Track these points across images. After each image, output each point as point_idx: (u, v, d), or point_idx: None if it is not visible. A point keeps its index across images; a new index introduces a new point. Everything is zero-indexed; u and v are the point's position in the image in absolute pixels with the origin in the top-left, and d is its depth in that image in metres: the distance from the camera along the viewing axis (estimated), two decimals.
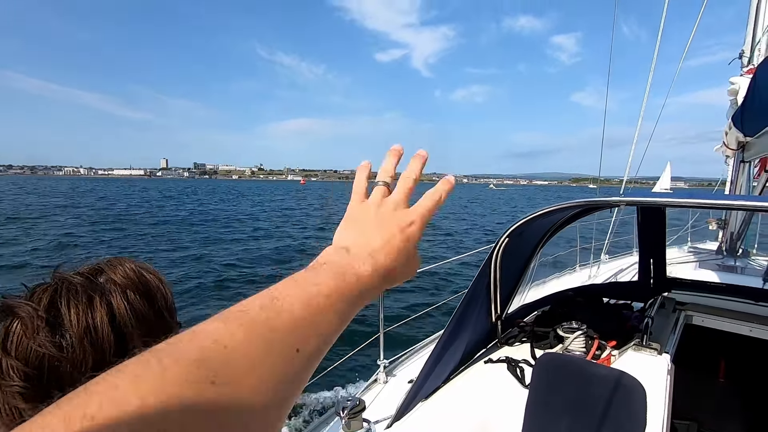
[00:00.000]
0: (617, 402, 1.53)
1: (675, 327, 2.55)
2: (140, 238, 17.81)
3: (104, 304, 0.54)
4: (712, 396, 3.09)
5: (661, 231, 2.92)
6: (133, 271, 0.60)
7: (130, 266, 0.60)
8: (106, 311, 0.53)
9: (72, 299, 0.53)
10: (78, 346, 0.50)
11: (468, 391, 2.11)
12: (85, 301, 0.53)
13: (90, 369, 0.50)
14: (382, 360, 2.79)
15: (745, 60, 4.71)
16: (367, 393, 2.60)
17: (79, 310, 0.52)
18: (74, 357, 0.50)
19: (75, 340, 0.51)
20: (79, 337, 0.51)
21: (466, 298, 2.12)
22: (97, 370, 0.51)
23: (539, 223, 2.26)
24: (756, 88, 2.95)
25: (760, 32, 4.48)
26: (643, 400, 1.52)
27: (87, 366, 0.50)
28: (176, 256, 13.84)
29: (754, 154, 3.94)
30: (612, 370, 1.67)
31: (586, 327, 2.31)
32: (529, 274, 2.79)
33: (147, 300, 0.59)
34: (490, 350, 2.51)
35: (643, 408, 1.51)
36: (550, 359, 1.76)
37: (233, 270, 12.08)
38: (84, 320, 0.52)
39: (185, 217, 28.10)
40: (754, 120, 3.19)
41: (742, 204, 1.95)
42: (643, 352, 2.19)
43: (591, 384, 1.61)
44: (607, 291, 3.16)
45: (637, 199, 2.06)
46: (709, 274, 4.21)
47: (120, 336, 0.54)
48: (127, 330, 0.54)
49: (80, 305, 0.53)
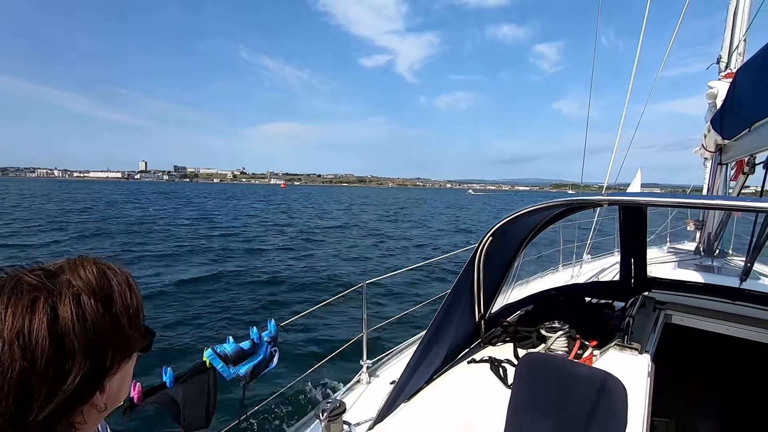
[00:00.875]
0: (599, 401, 1.52)
1: (655, 326, 2.57)
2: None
3: (47, 308, 0.49)
4: (690, 394, 3.14)
5: (642, 231, 2.95)
6: (94, 273, 0.55)
7: (93, 268, 0.55)
8: (49, 316, 0.48)
9: (13, 298, 0.48)
10: (6, 351, 0.45)
11: (451, 392, 2.08)
12: (27, 303, 0.48)
13: (15, 376, 0.45)
14: (365, 361, 2.75)
15: (723, 65, 4.83)
16: (349, 394, 2.56)
17: (17, 312, 0.47)
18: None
19: (4, 343, 0.45)
20: (9, 340, 0.46)
21: (449, 298, 2.10)
22: (23, 379, 0.46)
23: (523, 223, 2.25)
24: (735, 91, 3.00)
25: (737, 38, 4.59)
26: (624, 399, 1.51)
27: (13, 372, 0.45)
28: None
29: (731, 156, 4.02)
30: (593, 369, 1.66)
31: (569, 327, 2.31)
32: (513, 273, 2.79)
33: (104, 306, 0.54)
34: (473, 350, 2.50)
35: (624, 407, 1.51)
36: (532, 359, 1.74)
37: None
38: (19, 323, 0.47)
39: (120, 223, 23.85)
40: (732, 123, 3.25)
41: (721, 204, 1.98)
42: (625, 352, 2.20)
43: (573, 384, 1.60)
44: (589, 290, 3.19)
45: (619, 198, 2.07)
46: (688, 274, 4.30)
47: (59, 345, 0.48)
48: (68, 338, 0.49)
49: (20, 306, 0.48)
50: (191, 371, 1.72)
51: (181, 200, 54.16)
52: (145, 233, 19.51)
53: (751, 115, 2.68)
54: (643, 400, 1.85)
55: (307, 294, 9.87)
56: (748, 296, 2.86)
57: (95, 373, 0.52)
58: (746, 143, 3.23)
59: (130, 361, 0.60)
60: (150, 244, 16.17)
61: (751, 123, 2.75)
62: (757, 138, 2.87)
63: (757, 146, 3.01)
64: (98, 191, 71.83)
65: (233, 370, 1.83)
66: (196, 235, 19.69)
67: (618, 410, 1.51)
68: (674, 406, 3.00)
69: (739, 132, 3.17)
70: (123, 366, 0.58)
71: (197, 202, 50.11)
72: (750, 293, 2.89)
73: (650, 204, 2.12)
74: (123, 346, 0.56)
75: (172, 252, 14.67)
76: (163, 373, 1.63)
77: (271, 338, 2.08)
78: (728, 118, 3.30)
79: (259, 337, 2.02)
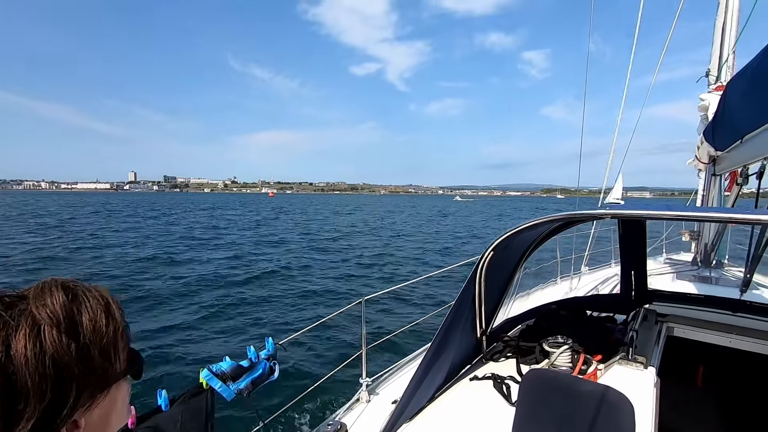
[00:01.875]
0: (605, 418, 1.49)
1: (658, 339, 2.55)
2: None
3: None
4: (694, 406, 3.10)
5: (641, 243, 2.95)
6: (60, 300, 0.50)
7: (60, 294, 0.51)
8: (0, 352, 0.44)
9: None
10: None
11: (453, 411, 2.04)
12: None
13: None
14: (365, 378, 2.70)
15: (713, 78, 4.91)
16: (348, 414, 2.50)
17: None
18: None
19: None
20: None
21: (451, 313, 2.07)
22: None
23: (523, 237, 2.25)
24: (726, 104, 3.05)
25: (726, 51, 4.68)
26: (631, 415, 1.49)
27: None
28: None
29: (724, 167, 4.06)
30: (598, 385, 1.64)
31: (572, 341, 2.28)
32: (513, 287, 2.76)
33: (70, 337, 0.49)
34: (475, 366, 2.46)
35: (631, 423, 1.48)
36: (536, 376, 1.72)
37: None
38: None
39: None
40: (724, 135, 3.29)
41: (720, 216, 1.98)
42: (630, 366, 2.17)
43: (578, 400, 1.57)
44: (589, 304, 3.17)
45: (619, 212, 2.07)
46: (687, 286, 4.29)
47: (8, 383, 0.44)
48: (19, 376, 0.45)
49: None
50: (187, 393, 1.67)
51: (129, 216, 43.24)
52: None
53: (742, 127, 2.72)
54: (651, 415, 1.82)
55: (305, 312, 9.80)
56: (750, 308, 2.85)
57: (56, 412, 0.47)
58: (739, 154, 3.27)
59: (111, 392, 0.55)
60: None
61: (743, 135, 2.78)
62: (748, 149, 2.90)
63: (749, 157, 3.04)
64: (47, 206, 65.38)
65: (233, 386, 1.78)
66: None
67: (624, 426, 1.48)
68: (680, 420, 2.95)
69: (731, 143, 3.20)
70: (101, 398, 0.53)
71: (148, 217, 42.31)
72: (751, 305, 2.88)
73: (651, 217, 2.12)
74: (94, 380, 0.52)
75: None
76: (158, 396, 1.58)
77: (269, 356, 2.03)
78: (720, 130, 3.34)
79: (257, 356, 1.97)
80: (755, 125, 2.49)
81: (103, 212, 39.56)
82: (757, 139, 2.64)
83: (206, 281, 12.63)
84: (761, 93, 2.23)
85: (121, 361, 0.56)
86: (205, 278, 13.01)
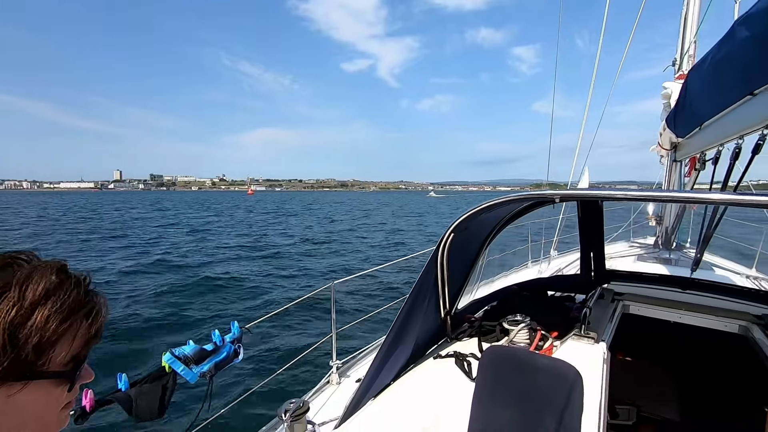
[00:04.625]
0: (556, 390, 1.57)
1: (612, 316, 2.67)
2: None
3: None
4: (650, 380, 3.28)
5: (599, 226, 3.06)
6: (42, 286, 0.51)
7: (45, 281, 0.52)
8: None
9: None
10: None
11: (417, 388, 2.10)
12: None
13: None
14: (335, 361, 2.74)
15: (677, 67, 5.07)
16: (318, 395, 2.54)
17: None
18: None
19: None
20: None
21: (412, 295, 2.11)
22: None
23: (484, 219, 2.29)
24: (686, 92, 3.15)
25: (688, 41, 4.82)
26: (580, 386, 1.56)
27: None
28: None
29: (685, 153, 4.22)
30: (552, 359, 1.71)
31: (530, 319, 2.37)
32: (479, 269, 2.83)
33: (20, 317, 0.50)
34: (440, 346, 2.52)
35: (580, 394, 1.56)
36: (494, 352, 1.78)
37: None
38: None
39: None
40: (684, 122, 3.41)
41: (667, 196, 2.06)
42: (582, 341, 2.27)
43: (532, 374, 1.64)
44: (551, 284, 3.28)
45: (573, 193, 2.13)
46: (646, 266, 4.49)
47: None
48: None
49: None
50: (149, 376, 1.66)
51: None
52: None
53: (701, 115, 2.82)
54: (600, 386, 1.91)
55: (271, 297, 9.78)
56: (698, 285, 3.02)
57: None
58: (697, 141, 3.40)
59: (28, 388, 0.52)
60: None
61: (702, 122, 2.89)
62: (706, 136, 3.02)
63: (707, 143, 3.17)
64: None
65: (196, 369, 1.78)
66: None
67: (574, 397, 1.56)
68: (636, 392, 3.12)
69: (691, 130, 3.33)
70: (14, 388, 0.51)
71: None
72: (699, 282, 3.04)
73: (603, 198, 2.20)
74: (12, 363, 0.50)
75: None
76: (118, 379, 1.57)
77: (234, 339, 2.03)
78: (681, 118, 3.46)
79: (221, 339, 1.97)
80: (712, 113, 2.59)
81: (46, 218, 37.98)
82: (714, 126, 2.75)
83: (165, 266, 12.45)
84: (717, 82, 2.31)
85: (55, 363, 0.54)
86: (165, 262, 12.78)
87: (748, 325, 2.59)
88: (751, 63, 1.79)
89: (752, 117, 2.01)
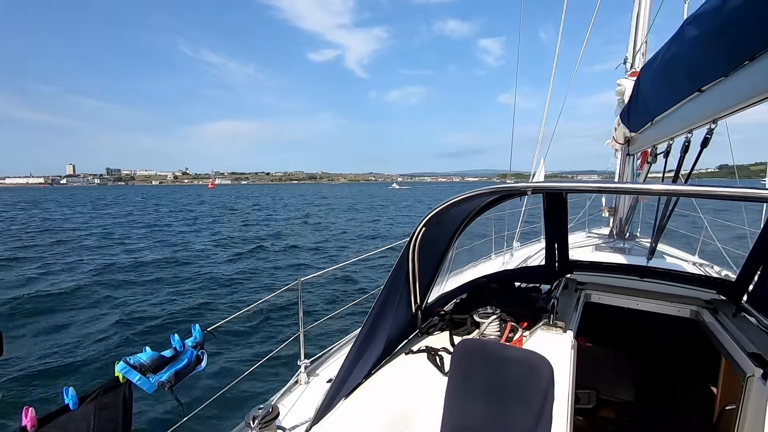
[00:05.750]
0: (527, 380, 1.59)
1: (577, 305, 2.77)
2: None
3: None
4: (609, 365, 3.44)
5: (563, 218, 3.16)
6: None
7: None
8: None
9: None
10: None
11: (389, 385, 2.08)
12: None
13: None
14: (303, 360, 2.67)
15: (629, 65, 5.32)
16: (286, 397, 2.46)
17: None
18: None
19: None
20: None
21: (384, 290, 2.09)
22: None
23: (454, 212, 2.29)
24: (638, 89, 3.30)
25: (640, 40, 5.07)
26: (551, 375, 1.59)
27: None
28: None
29: (637, 147, 4.45)
30: (522, 351, 1.73)
31: (500, 311, 2.40)
32: (448, 262, 2.84)
33: None
34: (412, 341, 2.51)
35: (551, 383, 1.59)
36: (465, 345, 1.78)
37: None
38: None
39: None
40: (637, 118, 3.58)
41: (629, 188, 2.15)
42: (551, 331, 2.33)
43: (504, 366, 1.65)
44: (518, 276, 3.36)
45: (544, 185, 2.17)
46: (604, 256, 4.70)
47: None
48: None
49: None
50: (100, 388, 1.53)
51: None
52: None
53: (652, 111, 2.96)
54: (568, 374, 1.97)
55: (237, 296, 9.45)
56: (654, 273, 3.18)
57: None
58: (649, 135, 3.58)
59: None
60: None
61: (653, 117, 3.04)
62: (657, 130, 3.18)
63: (658, 138, 3.34)
64: None
65: (153, 378, 1.65)
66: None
67: (545, 387, 1.58)
68: (595, 377, 3.26)
69: (643, 125, 3.49)
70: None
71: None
72: (655, 270, 3.21)
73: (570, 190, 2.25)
74: None
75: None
76: (63, 394, 1.43)
77: (196, 344, 1.92)
78: (634, 113, 3.63)
79: (182, 344, 1.85)
80: (663, 109, 2.72)
81: None
82: (665, 122, 2.90)
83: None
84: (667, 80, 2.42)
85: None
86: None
87: (698, 310, 2.76)
88: (699, 61, 1.88)
89: (700, 112, 2.12)
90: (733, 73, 1.63)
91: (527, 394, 1.57)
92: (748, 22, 1.40)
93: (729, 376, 2.51)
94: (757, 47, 1.40)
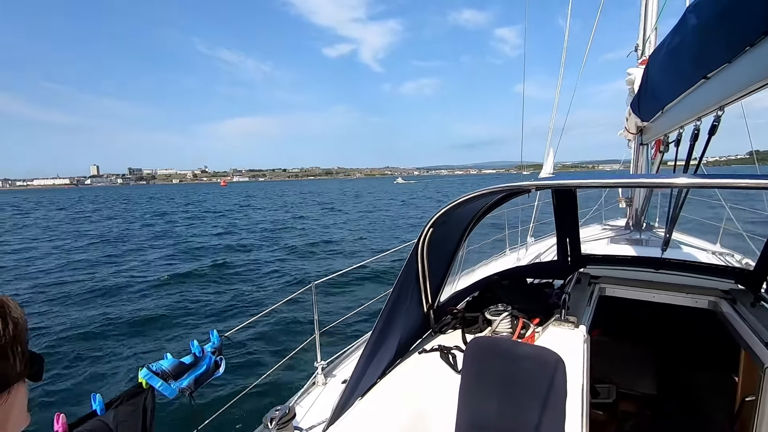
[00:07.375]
0: (540, 376, 1.60)
1: (590, 300, 2.74)
2: None
3: None
4: (627, 358, 3.39)
5: (573, 212, 3.14)
6: None
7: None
8: None
9: None
10: None
11: (403, 384, 2.11)
12: None
13: None
14: (320, 362, 2.72)
15: (640, 53, 5.22)
16: (304, 398, 2.52)
17: None
18: None
19: None
20: None
21: (394, 291, 2.12)
22: None
23: (462, 211, 2.31)
24: (648, 77, 3.25)
25: (649, 29, 4.97)
26: (563, 371, 1.60)
27: None
28: None
29: (650, 137, 4.36)
30: (535, 347, 1.74)
31: (511, 308, 2.41)
32: (459, 261, 2.86)
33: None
34: (425, 340, 2.54)
35: (564, 379, 1.60)
36: (478, 343, 1.80)
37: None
38: None
39: None
40: (648, 106, 3.52)
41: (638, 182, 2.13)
42: (563, 327, 2.32)
43: (516, 362, 1.67)
44: (529, 272, 3.35)
45: (548, 183, 2.17)
46: (619, 248, 4.63)
47: None
48: None
49: None
50: (125, 394, 1.61)
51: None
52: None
53: (662, 99, 2.92)
54: (582, 370, 1.96)
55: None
56: (669, 264, 3.13)
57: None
58: (661, 124, 3.52)
59: (11, 393, 0.56)
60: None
61: (663, 105, 2.99)
62: (668, 119, 3.13)
63: (669, 126, 3.28)
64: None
65: (175, 385, 1.73)
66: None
67: (557, 382, 1.59)
68: (614, 371, 3.22)
69: (654, 114, 3.44)
70: (2, 399, 0.54)
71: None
72: (670, 262, 3.16)
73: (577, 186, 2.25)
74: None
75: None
76: (92, 400, 1.51)
77: (215, 349, 1.98)
78: (644, 102, 3.57)
79: (201, 350, 1.92)
80: (672, 97, 2.68)
81: None
82: (674, 110, 2.85)
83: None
84: (674, 68, 2.39)
85: (20, 362, 0.57)
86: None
87: (716, 300, 2.70)
88: (702, 48, 1.86)
89: (707, 100, 2.09)
90: (735, 59, 1.61)
91: (540, 389, 1.58)
92: (747, 9, 1.38)
93: (749, 367, 2.46)
94: (757, 33, 1.38)
